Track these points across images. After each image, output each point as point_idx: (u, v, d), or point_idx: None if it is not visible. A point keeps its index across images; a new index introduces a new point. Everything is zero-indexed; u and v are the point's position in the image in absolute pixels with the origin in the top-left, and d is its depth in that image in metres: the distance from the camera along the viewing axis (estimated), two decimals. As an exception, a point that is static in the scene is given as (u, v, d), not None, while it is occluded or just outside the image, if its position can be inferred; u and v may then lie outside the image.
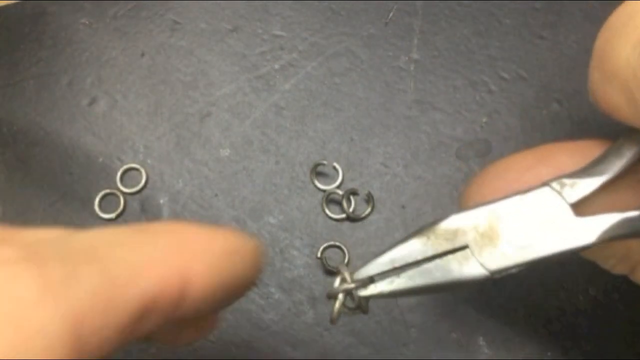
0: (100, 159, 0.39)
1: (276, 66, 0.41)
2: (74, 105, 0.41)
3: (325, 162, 0.38)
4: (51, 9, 0.43)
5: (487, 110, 0.40)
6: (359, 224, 0.37)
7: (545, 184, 0.23)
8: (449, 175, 0.38)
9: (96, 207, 0.38)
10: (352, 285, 0.23)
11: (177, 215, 0.38)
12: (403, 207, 0.38)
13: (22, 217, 0.38)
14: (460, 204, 0.25)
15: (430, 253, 0.23)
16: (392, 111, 0.40)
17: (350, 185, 0.38)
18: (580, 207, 0.22)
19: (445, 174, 0.38)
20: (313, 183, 0.38)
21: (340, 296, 0.23)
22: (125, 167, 0.39)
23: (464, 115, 0.39)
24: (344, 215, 0.37)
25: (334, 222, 0.38)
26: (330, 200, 0.38)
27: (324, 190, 0.38)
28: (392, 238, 0.37)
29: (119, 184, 0.38)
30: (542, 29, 0.41)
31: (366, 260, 0.24)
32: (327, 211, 0.37)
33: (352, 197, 0.37)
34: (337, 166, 0.38)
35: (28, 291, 0.16)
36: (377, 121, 0.40)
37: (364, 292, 0.23)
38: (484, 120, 0.39)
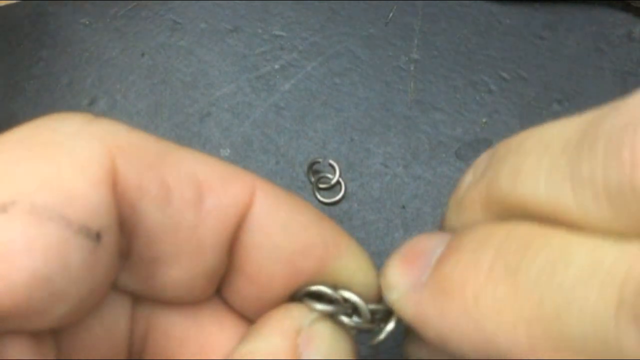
0: (100, 159, 0.39)
1: (276, 66, 0.41)
2: (74, 105, 0.41)
3: (320, 159, 0.38)
4: (51, 9, 0.43)
5: (487, 110, 0.40)
6: (359, 223, 0.37)
7: None
8: (449, 175, 0.38)
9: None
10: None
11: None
12: (403, 207, 0.38)
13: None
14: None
15: None
16: (392, 111, 0.40)
17: (349, 184, 0.38)
18: None
19: (445, 174, 0.38)
20: (309, 180, 0.38)
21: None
22: (125, 167, 0.39)
23: (464, 115, 0.39)
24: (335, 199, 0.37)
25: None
26: (319, 188, 0.38)
27: (320, 187, 0.38)
28: (392, 238, 0.37)
29: (119, 184, 0.38)
30: (542, 29, 0.41)
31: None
32: (319, 196, 0.38)
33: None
34: (334, 163, 0.38)
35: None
36: (377, 121, 0.40)
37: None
38: (484, 120, 0.39)
